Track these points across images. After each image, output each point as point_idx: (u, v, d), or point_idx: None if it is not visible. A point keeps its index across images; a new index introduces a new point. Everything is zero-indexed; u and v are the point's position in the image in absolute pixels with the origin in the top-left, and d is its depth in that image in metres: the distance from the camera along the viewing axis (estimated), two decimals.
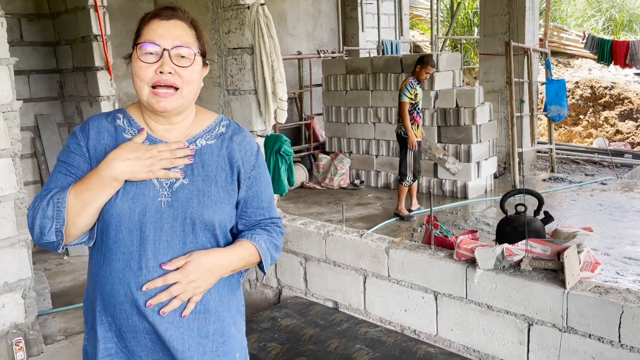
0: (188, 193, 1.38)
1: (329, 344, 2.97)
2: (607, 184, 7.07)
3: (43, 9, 5.29)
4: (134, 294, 1.35)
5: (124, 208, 1.35)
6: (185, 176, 1.39)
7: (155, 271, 1.34)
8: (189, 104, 1.43)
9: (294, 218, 3.86)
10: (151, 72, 1.34)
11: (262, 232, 1.50)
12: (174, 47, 1.34)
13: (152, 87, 1.35)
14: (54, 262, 4.94)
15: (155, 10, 1.40)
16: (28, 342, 3.25)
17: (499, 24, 7.79)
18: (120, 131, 1.42)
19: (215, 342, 1.42)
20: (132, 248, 1.35)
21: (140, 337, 1.38)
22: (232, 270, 1.43)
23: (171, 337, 1.37)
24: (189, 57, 1.37)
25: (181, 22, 1.39)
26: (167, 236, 1.36)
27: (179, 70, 1.35)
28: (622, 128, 11.40)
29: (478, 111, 6.48)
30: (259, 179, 1.51)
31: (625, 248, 4.72)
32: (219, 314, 1.43)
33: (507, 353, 2.73)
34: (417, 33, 14.55)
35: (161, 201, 1.36)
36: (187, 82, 1.37)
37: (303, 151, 8.17)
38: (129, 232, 1.35)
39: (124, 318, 1.37)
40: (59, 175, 1.39)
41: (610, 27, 14.15)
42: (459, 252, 2.88)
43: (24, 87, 5.18)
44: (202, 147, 1.44)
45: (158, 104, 1.35)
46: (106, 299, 1.38)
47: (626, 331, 2.32)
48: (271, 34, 3.68)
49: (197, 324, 1.39)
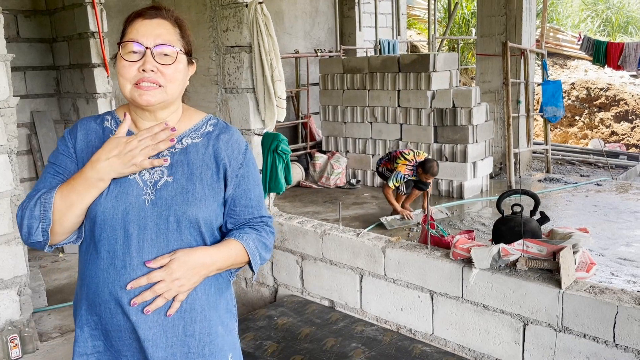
0: (172, 191, 1.39)
1: (325, 343, 2.98)
2: (603, 185, 7.10)
3: (40, 6, 5.27)
4: (118, 292, 1.35)
5: (108, 207, 1.35)
6: (169, 174, 1.40)
7: (140, 269, 1.35)
8: (173, 100, 1.43)
9: (291, 217, 3.87)
10: (134, 70, 1.35)
11: (251, 231, 1.49)
12: (156, 45, 1.35)
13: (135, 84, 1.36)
14: (50, 259, 4.93)
15: (139, 9, 1.41)
16: (23, 339, 3.24)
17: (496, 24, 7.81)
18: (107, 132, 1.45)
19: (202, 341, 1.42)
20: (116, 246, 1.36)
21: (126, 337, 1.38)
22: (217, 269, 1.42)
23: (154, 336, 1.36)
24: (171, 55, 1.37)
25: (164, 21, 1.39)
26: (152, 234, 1.36)
27: (162, 68, 1.36)
28: (617, 129, 11.46)
29: (475, 111, 6.50)
30: (247, 177, 1.50)
31: (620, 249, 4.75)
32: (205, 313, 1.42)
33: (502, 352, 2.74)
34: (415, 33, 14.56)
35: (145, 199, 1.37)
36: (169, 80, 1.37)
37: (300, 150, 8.17)
38: (112, 231, 1.36)
39: (108, 317, 1.37)
40: (48, 176, 1.42)
41: (606, 28, 14.20)
42: (455, 252, 2.89)
43: (21, 84, 5.16)
44: (188, 146, 1.45)
45: (141, 97, 1.36)
46: (92, 298, 1.39)
47: (621, 331, 2.33)
48: (270, 33, 3.68)
49: (182, 322, 1.39)
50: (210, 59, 4.11)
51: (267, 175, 3.86)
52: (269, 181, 3.87)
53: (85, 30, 4.58)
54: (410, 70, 6.91)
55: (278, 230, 3.77)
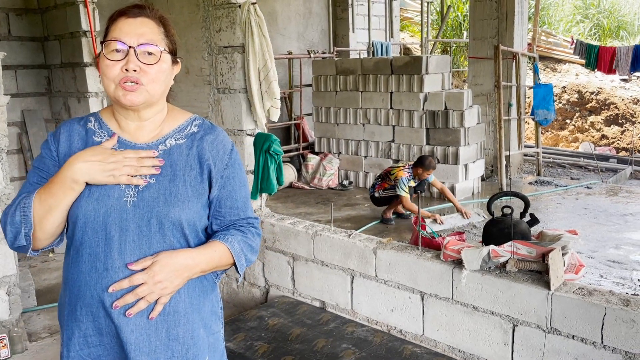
0: (154, 192, 1.37)
1: (315, 344, 2.98)
2: (593, 188, 7.16)
3: (32, 4, 5.24)
4: (100, 295, 1.34)
5: (89, 209, 1.35)
6: (151, 176, 1.38)
7: (122, 272, 1.33)
8: (157, 100, 1.42)
9: (283, 217, 3.87)
10: (117, 69, 1.34)
11: (236, 232, 1.48)
12: (139, 44, 1.34)
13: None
14: (39, 259, 4.90)
15: (122, 8, 1.40)
16: (12, 339, 3.23)
17: (488, 27, 7.85)
18: (90, 134, 1.44)
19: (185, 344, 1.40)
20: (98, 249, 1.35)
21: (107, 341, 1.37)
22: (200, 271, 1.40)
23: (137, 340, 1.35)
24: (155, 54, 1.36)
25: (148, 20, 1.39)
26: (133, 236, 1.35)
27: (145, 68, 1.35)
28: (607, 133, 11.55)
29: (466, 114, 6.53)
30: (233, 178, 1.49)
31: (609, 251, 4.79)
32: (188, 316, 1.41)
33: (491, 353, 2.76)
34: (407, 35, 14.61)
35: (127, 201, 1.36)
36: (152, 80, 1.37)
37: (292, 151, 8.17)
38: (94, 233, 1.35)
39: (90, 320, 1.36)
40: (31, 180, 1.42)
41: (597, 33, 14.30)
42: (446, 253, 2.91)
43: (11, 82, 5.13)
44: (172, 147, 1.44)
45: (125, 97, 1.35)
46: (74, 301, 1.38)
47: (609, 332, 2.35)
48: (263, 33, 3.68)
49: (165, 326, 1.38)
50: (203, 59, 4.11)
51: (259, 176, 3.86)
52: (261, 182, 3.87)
53: (77, 29, 4.56)
54: (403, 73, 6.93)
55: (270, 231, 3.77)
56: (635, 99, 11.65)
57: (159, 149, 1.43)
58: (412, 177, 5.63)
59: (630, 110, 11.54)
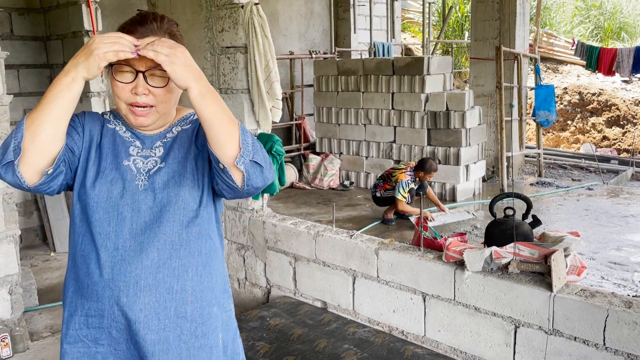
0: (164, 175, 1.43)
1: (317, 344, 2.98)
2: (594, 189, 7.15)
3: (34, 4, 5.24)
4: (107, 274, 1.36)
5: (103, 189, 1.39)
6: (162, 161, 1.44)
7: (132, 250, 1.37)
8: (167, 115, 1.47)
9: (284, 218, 3.87)
10: (127, 92, 1.37)
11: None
12: (147, 69, 1.34)
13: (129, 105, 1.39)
14: (41, 259, 4.91)
15: (130, 26, 1.38)
16: (14, 338, 3.23)
17: (490, 28, 7.85)
18: (106, 122, 1.50)
19: (194, 322, 1.42)
20: (109, 228, 1.38)
21: (107, 324, 1.38)
22: (208, 89, 1.30)
23: (146, 318, 1.37)
24: (163, 77, 1.36)
25: (156, 39, 1.35)
26: (145, 217, 1.39)
27: (154, 91, 1.38)
28: (609, 134, 11.55)
29: (468, 115, 6.53)
30: None
31: (611, 253, 4.78)
32: (196, 294, 1.43)
33: (493, 355, 2.76)
34: (409, 36, 14.61)
35: (138, 184, 1.41)
36: (161, 101, 1.40)
37: (293, 151, 8.17)
38: (105, 213, 1.38)
39: (94, 300, 1.38)
40: None
41: (599, 34, 14.30)
42: (448, 254, 2.91)
43: (14, 82, 5.14)
44: (179, 133, 1.50)
45: (135, 120, 1.41)
46: (81, 278, 1.39)
47: (611, 334, 2.35)
48: (265, 34, 3.68)
49: (174, 304, 1.40)
50: (205, 60, 4.11)
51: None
52: None
53: (80, 28, 4.57)
54: (405, 73, 6.93)
55: (271, 231, 3.78)
56: (637, 100, 11.65)
57: (166, 137, 1.48)
58: (413, 180, 5.64)
59: (632, 112, 11.54)
